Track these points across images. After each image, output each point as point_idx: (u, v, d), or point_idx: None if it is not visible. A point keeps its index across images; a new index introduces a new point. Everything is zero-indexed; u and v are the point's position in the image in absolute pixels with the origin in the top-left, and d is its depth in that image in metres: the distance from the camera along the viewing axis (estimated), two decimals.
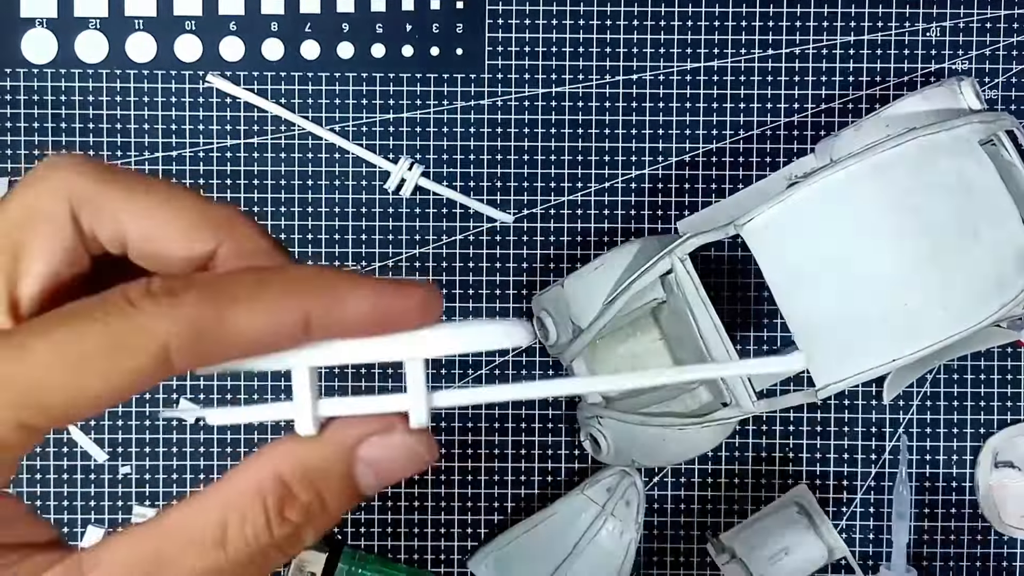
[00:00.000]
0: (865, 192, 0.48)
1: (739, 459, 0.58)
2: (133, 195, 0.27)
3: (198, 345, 0.24)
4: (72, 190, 0.26)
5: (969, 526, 0.58)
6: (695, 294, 0.49)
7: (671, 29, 0.58)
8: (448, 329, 0.26)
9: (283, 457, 0.26)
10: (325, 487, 0.26)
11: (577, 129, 0.58)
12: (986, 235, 0.47)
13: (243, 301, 0.25)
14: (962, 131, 0.48)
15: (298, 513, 0.26)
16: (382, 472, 0.27)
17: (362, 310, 0.26)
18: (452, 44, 0.58)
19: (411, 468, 0.27)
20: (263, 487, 0.25)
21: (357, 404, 0.27)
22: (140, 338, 0.24)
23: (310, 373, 0.26)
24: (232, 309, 0.25)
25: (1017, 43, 0.58)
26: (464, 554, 0.58)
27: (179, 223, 0.27)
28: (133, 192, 0.27)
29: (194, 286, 0.25)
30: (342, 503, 0.26)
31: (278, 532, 0.25)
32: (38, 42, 0.57)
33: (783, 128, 0.58)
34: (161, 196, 0.27)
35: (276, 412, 0.27)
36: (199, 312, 0.24)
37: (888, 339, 0.47)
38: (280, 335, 0.25)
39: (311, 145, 0.58)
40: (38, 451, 0.57)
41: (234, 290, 0.25)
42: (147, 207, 0.27)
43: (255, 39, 0.57)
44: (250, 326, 0.25)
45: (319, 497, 0.26)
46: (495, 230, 0.58)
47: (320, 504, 0.26)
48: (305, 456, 0.26)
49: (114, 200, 0.27)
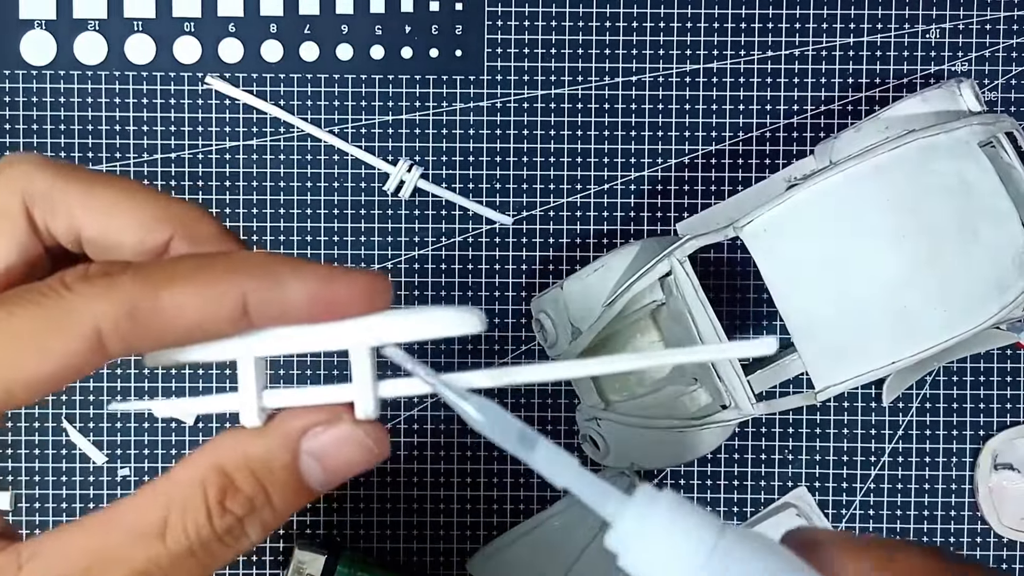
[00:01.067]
0: (864, 194, 0.48)
1: (738, 461, 0.58)
2: (88, 191, 0.27)
3: (132, 327, 0.24)
4: (26, 186, 0.26)
5: (968, 528, 0.58)
6: (694, 296, 0.49)
7: (671, 30, 0.58)
8: (395, 316, 0.25)
9: (226, 448, 0.26)
10: (268, 479, 0.26)
11: (577, 131, 0.58)
12: (986, 237, 0.47)
13: (179, 282, 0.24)
14: (962, 133, 0.48)
15: (240, 505, 0.25)
16: (329, 465, 0.26)
17: (303, 294, 0.25)
18: (451, 46, 0.58)
19: (359, 461, 0.26)
20: (205, 478, 0.25)
21: (303, 395, 0.26)
22: (72, 319, 0.24)
23: (255, 363, 0.26)
24: (167, 290, 0.24)
25: (1017, 45, 0.58)
26: (463, 556, 0.58)
27: (133, 217, 0.27)
28: (88, 188, 0.27)
29: (130, 268, 0.25)
30: (287, 497, 0.26)
31: (219, 524, 0.25)
32: (37, 44, 0.57)
33: (782, 130, 0.58)
34: (116, 192, 0.27)
35: (222, 403, 0.27)
36: (133, 293, 0.24)
37: (887, 341, 0.47)
38: (218, 318, 0.25)
39: (310, 147, 0.58)
40: (37, 452, 0.57)
41: (171, 272, 0.25)
42: (102, 202, 0.27)
43: (254, 41, 0.57)
44: (185, 308, 0.24)
45: (262, 489, 0.25)
46: (494, 232, 0.58)
47: (264, 497, 0.25)
48: (248, 447, 0.26)
49: (69, 196, 0.26)
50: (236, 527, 0.25)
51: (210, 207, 0.57)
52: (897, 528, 0.58)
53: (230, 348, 0.26)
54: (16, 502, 0.57)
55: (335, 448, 0.26)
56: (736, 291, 0.58)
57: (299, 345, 0.26)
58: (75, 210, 0.27)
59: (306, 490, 0.26)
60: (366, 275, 0.26)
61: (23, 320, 0.24)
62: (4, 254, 0.26)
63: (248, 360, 0.26)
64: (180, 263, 0.25)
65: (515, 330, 0.58)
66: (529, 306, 0.56)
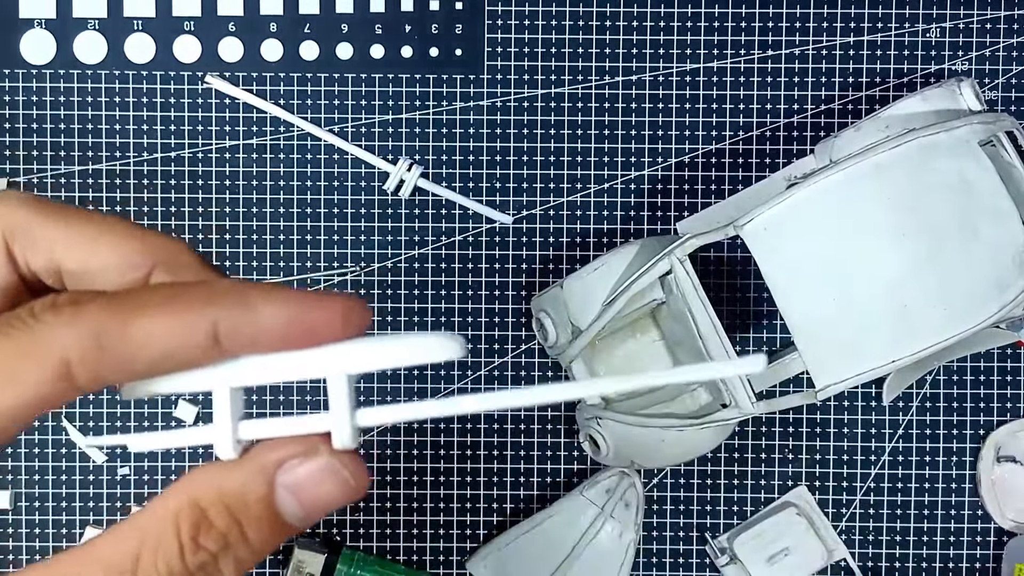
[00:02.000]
0: (865, 193, 0.48)
1: (739, 460, 0.58)
2: (68, 226, 0.26)
3: (101, 357, 0.23)
4: (6, 222, 0.26)
5: (969, 527, 0.58)
6: (694, 295, 0.49)
7: (671, 29, 0.58)
8: (372, 342, 0.25)
9: (200, 482, 0.25)
10: (243, 514, 0.25)
11: (576, 130, 0.58)
12: (986, 236, 0.47)
13: (148, 310, 0.24)
14: (962, 132, 0.48)
15: (213, 541, 0.24)
16: (306, 499, 0.25)
17: (276, 321, 0.24)
18: (451, 45, 0.58)
19: (337, 495, 0.25)
20: (178, 513, 0.24)
21: (280, 426, 0.25)
22: (39, 349, 0.23)
23: (231, 394, 0.25)
24: (136, 319, 0.24)
25: (1017, 44, 0.58)
26: (463, 555, 0.58)
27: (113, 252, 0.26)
28: (68, 223, 0.26)
29: (99, 298, 0.24)
30: (263, 532, 0.25)
31: (192, 560, 0.24)
32: (37, 43, 0.57)
33: (783, 129, 0.58)
34: (95, 227, 0.26)
35: (197, 436, 0.26)
36: (101, 322, 0.23)
37: (888, 340, 0.47)
38: (188, 346, 0.24)
39: (310, 146, 0.58)
40: (36, 452, 0.57)
41: (140, 301, 0.24)
42: (82, 237, 0.26)
43: (254, 40, 0.57)
44: (154, 336, 0.24)
45: (236, 525, 0.25)
46: (494, 231, 0.58)
47: (238, 532, 0.25)
48: (222, 481, 0.25)
49: (48, 231, 0.26)
50: (209, 564, 0.24)
51: (210, 207, 0.58)
52: (897, 527, 0.58)
53: (204, 378, 0.25)
54: (16, 501, 0.57)
55: (311, 482, 0.25)
56: (736, 290, 0.58)
57: (274, 374, 0.25)
58: (55, 245, 0.26)
59: (283, 525, 0.25)
60: (342, 299, 0.25)
61: None
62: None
63: (223, 390, 0.25)
64: (150, 292, 0.25)
65: (515, 329, 0.58)
66: (529, 305, 0.56)
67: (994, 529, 0.58)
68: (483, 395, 0.25)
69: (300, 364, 0.25)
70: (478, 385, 0.58)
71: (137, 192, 0.57)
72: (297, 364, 0.25)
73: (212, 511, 0.24)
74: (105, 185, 0.57)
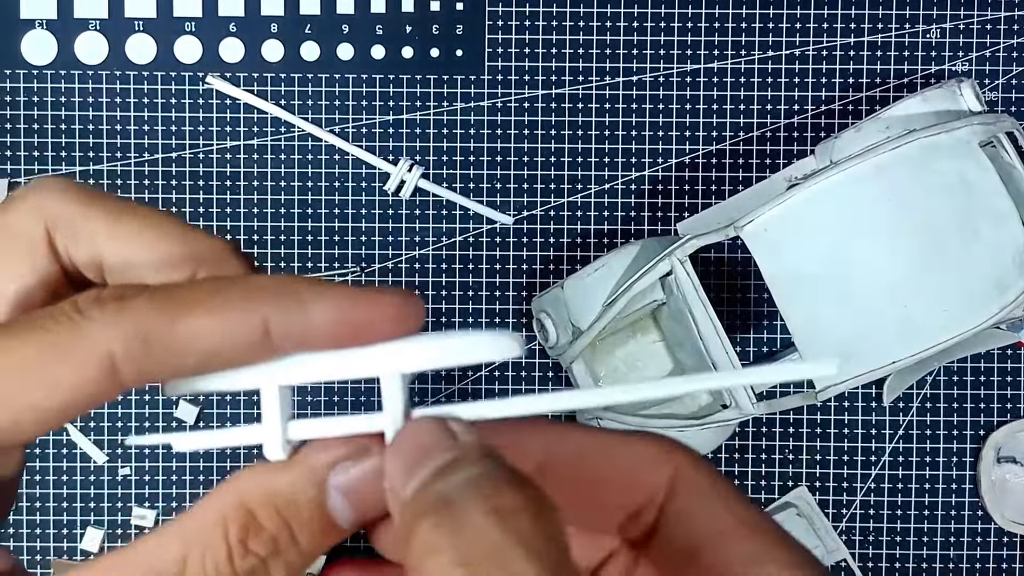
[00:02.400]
0: (865, 193, 0.48)
1: (739, 461, 0.58)
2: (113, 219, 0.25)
3: (147, 353, 0.23)
4: (49, 212, 0.25)
5: (969, 528, 0.58)
6: (695, 296, 0.49)
7: (671, 30, 0.58)
8: (429, 340, 0.24)
9: (249, 484, 0.24)
10: (293, 516, 0.24)
11: (577, 130, 0.58)
12: (986, 237, 0.47)
13: (196, 306, 0.23)
14: (962, 132, 0.48)
15: (263, 545, 0.23)
16: (358, 502, 0.24)
17: (327, 318, 0.23)
18: (452, 46, 0.58)
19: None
20: (226, 515, 0.23)
21: (331, 426, 0.24)
22: (84, 345, 0.23)
23: (280, 393, 0.24)
24: (184, 315, 0.23)
25: (1017, 45, 0.58)
26: None
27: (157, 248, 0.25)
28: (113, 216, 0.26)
29: (145, 292, 0.23)
30: (314, 536, 0.24)
31: (241, 565, 0.23)
32: (38, 43, 0.57)
33: (783, 130, 0.58)
34: (141, 221, 0.26)
35: (245, 436, 0.25)
36: (148, 318, 0.23)
37: (888, 341, 0.47)
38: (237, 343, 0.23)
39: (311, 146, 0.58)
40: (37, 452, 0.57)
41: (188, 296, 0.23)
42: (126, 231, 0.25)
43: (255, 40, 0.57)
44: (203, 332, 0.23)
45: (287, 528, 0.24)
46: (495, 231, 0.58)
47: (288, 536, 0.24)
48: (271, 483, 0.24)
49: (92, 223, 0.25)
50: (259, 568, 0.23)
51: (210, 207, 0.58)
52: (898, 527, 0.58)
53: (252, 376, 0.24)
54: (16, 501, 0.57)
55: (364, 483, 0.24)
56: (737, 291, 0.58)
57: (326, 372, 0.24)
58: (98, 237, 0.25)
59: (333, 528, 0.24)
60: (395, 295, 0.24)
61: (32, 347, 0.23)
62: (23, 278, 0.25)
63: (272, 389, 0.24)
64: (198, 286, 0.24)
65: (515, 330, 0.58)
66: (529, 306, 0.56)
67: (994, 529, 0.58)
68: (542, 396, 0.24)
69: (353, 362, 0.24)
70: (479, 385, 0.58)
71: (137, 192, 0.57)
72: (349, 362, 0.24)
73: (261, 513, 0.24)
74: (106, 185, 0.57)
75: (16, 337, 0.23)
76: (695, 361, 0.51)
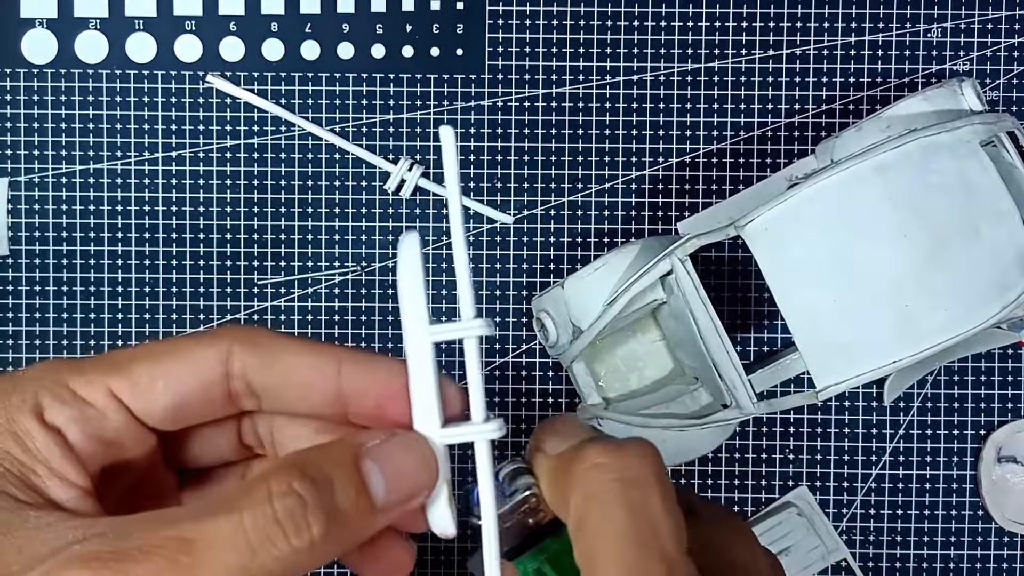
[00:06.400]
0: (866, 193, 0.48)
1: (739, 460, 0.58)
2: (288, 371, 0.30)
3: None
4: (232, 351, 0.29)
5: (970, 527, 0.58)
6: (695, 295, 0.49)
7: (671, 29, 0.58)
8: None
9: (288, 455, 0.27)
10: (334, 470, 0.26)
11: (577, 129, 0.58)
12: (987, 236, 0.47)
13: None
14: (963, 132, 0.48)
15: (304, 487, 0.26)
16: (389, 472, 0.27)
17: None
18: (452, 45, 0.58)
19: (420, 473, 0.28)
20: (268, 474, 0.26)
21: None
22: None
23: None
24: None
25: (1018, 44, 0.58)
26: (464, 555, 0.58)
27: (312, 400, 0.30)
28: (288, 370, 0.30)
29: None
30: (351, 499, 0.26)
31: (280, 505, 0.25)
32: (38, 42, 0.57)
33: (783, 129, 0.58)
34: (309, 371, 0.30)
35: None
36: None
37: (889, 340, 0.47)
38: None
39: (311, 146, 0.58)
40: None
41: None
42: (297, 381, 0.30)
43: (255, 39, 0.57)
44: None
45: (328, 479, 0.26)
46: (495, 231, 0.58)
47: (329, 488, 0.26)
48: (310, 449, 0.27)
49: (266, 377, 0.30)
50: (297, 510, 0.25)
51: (210, 207, 0.57)
52: (898, 527, 0.58)
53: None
54: None
55: (396, 453, 0.28)
56: (737, 290, 0.58)
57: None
58: (268, 383, 0.30)
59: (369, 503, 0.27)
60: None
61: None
62: (186, 389, 0.29)
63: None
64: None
65: (516, 329, 0.58)
66: (530, 305, 0.56)
67: (995, 529, 0.58)
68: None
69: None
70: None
71: (138, 192, 0.57)
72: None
73: (304, 464, 0.26)
74: (106, 185, 0.57)
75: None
76: (695, 360, 0.51)
